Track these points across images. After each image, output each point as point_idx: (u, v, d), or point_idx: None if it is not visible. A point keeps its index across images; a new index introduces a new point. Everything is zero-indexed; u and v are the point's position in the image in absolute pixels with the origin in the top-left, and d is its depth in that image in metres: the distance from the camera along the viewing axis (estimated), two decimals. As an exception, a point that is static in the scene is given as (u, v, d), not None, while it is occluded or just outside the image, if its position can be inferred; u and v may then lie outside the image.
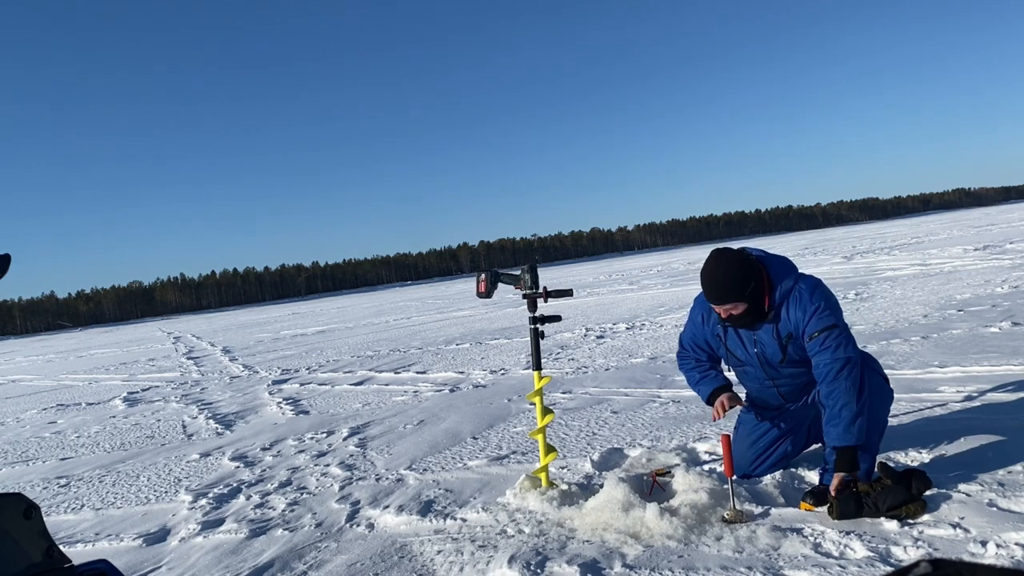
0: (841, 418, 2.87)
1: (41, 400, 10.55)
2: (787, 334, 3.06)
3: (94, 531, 3.85)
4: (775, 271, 3.10)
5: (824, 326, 2.96)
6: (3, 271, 1.08)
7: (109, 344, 27.41)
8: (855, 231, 59.18)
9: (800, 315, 3.00)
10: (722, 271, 3.01)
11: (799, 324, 3.01)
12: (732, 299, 3.00)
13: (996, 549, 2.36)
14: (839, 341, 2.95)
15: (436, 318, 17.78)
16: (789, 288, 3.06)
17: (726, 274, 3.00)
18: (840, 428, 2.87)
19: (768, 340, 3.12)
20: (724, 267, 3.02)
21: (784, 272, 3.10)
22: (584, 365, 7.36)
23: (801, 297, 3.02)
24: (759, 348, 3.15)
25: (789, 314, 3.04)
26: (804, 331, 3.00)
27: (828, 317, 2.98)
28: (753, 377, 3.29)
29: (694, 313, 3.41)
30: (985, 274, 11.09)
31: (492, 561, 2.77)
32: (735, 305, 3.02)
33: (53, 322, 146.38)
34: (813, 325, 2.98)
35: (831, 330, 2.96)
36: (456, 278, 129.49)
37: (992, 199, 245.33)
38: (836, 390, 2.90)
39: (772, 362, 3.15)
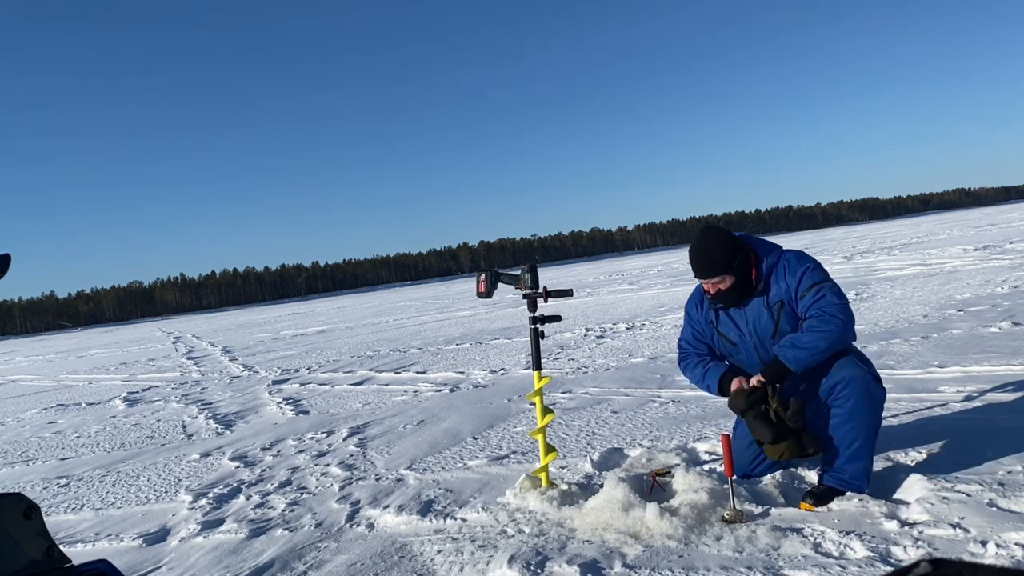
0: (800, 345, 2.91)
1: (41, 400, 10.55)
2: (778, 302, 3.06)
3: (94, 531, 3.85)
4: (760, 246, 3.17)
5: (814, 281, 3.00)
6: (3, 271, 1.08)
7: (109, 344, 27.41)
8: (855, 231, 59.18)
9: (791, 279, 3.03)
10: (708, 246, 3.06)
11: (790, 288, 3.03)
12: (719, 271, 3.04)
13: (996, 549, 2.36)
14: (831, 290, 2.98)
15: (436, 318, 17.78)
16: (776, 259, 3.11)
17: (712, 249, 3.05)
18: (792, 350, 2.92)
19: (758, 314, 3.11)
20: (711, 242, 3.07)
21: (769, 247, 3.17)
22: (584, 365, 7.36)
23: (790, 264, 3.07)
24: (751, 326, 3.13)
25: (779, 283, 3.07)
26: (796, 290, 3.01)
27: (817, 273, 3.03)
28: (746, 360, 3.25)
29: (688, 308, 3.43)
30: (985, 274, 11.08)
31: (492, 561, 2.77)
32: (722, 279, 3.06)
33: (53, 322, 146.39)
34: (805, 282, 3.00)
35: (822, 284, 2.99)
36: (456, 278, 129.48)
37: (992, 199, 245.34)
38: (815, 327, 2.90)
39: (764, 338, 3.12)
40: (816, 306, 2.95)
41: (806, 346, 2.90)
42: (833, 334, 2.89)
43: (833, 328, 2.89)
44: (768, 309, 3.08)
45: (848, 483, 2.92)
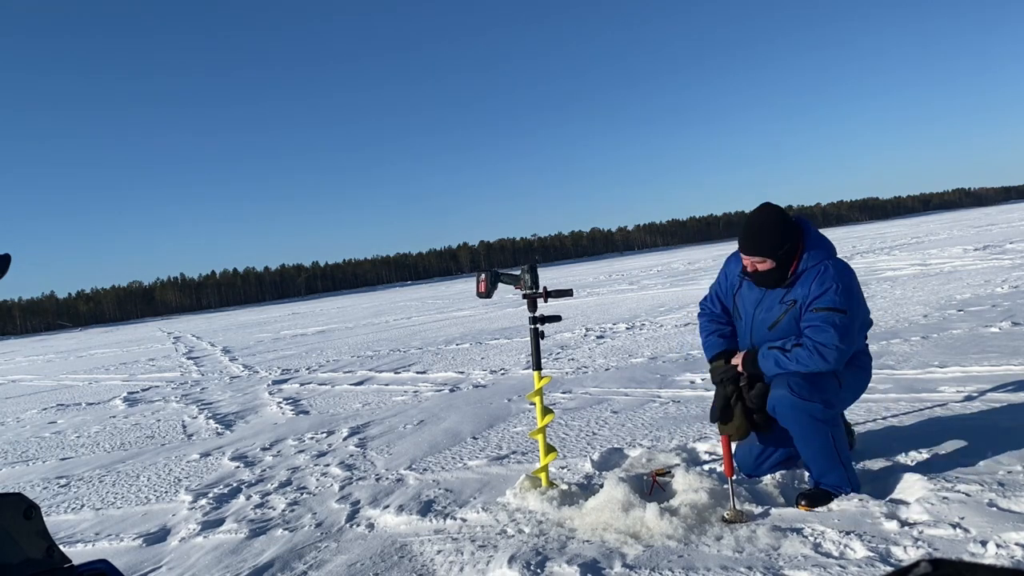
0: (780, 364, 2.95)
1: (41, 400, 10.55)
2: (792, 300, 3.04)
3: (94, 531, 3.85)
4: (812, 242, 3.08)
5: (833, 306, 2.91)
6: (3, 271, 1.08)
7: (109, 344, 27.41)
8: (855, 231, 59.17)
9: (817, 287, 2.95)
10: (763, 223, 3.02)
11: (810, 294, 2.96)
12: (763, 254, 3.01)
13: (996, 549, 2.36)
14: (841, 327, 2.88)
15: (436, 318, 17.77)
16: (818, 261, 3.02)
17: (765, 227, 3.01)
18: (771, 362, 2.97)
19: (771, 304, 3.10)
20: (766, 220, 3.03)
21: (820, 247, 3.07)
22: (584, 365, 7.36)
23: (826, 272, 2.98)
24: (761, 308, 3.14)
25: (805, 285, 3.00)
26: (814, 300, 2.94)
27: (842, 299, 2.92)
28: (742, 333, 3.28)
29: (728, 261, 3.41)
30: (985, 274, 11.09)
31: (492, 561, 2.77)
32: (764, 260, 3.03)
33: (53, 322, 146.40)
34: (825, 300, 2.92)
35: (837, 313, 2.90)
36: (456, 278, 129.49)
37: (992, 199, 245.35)
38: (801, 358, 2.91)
39: (763, 325, 3.12)
40: (816, 332, 2.91)
41: (782, 367, 2.96)
42: (811, 371, 2.93)
43: (814, 366, 2.91)
44: (782, 303, 3.07)
45: (835, 487, 2.97)
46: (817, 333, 2.91)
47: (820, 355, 2.88)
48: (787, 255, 3.02)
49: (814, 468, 3.02)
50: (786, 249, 3.00)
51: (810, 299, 2.97)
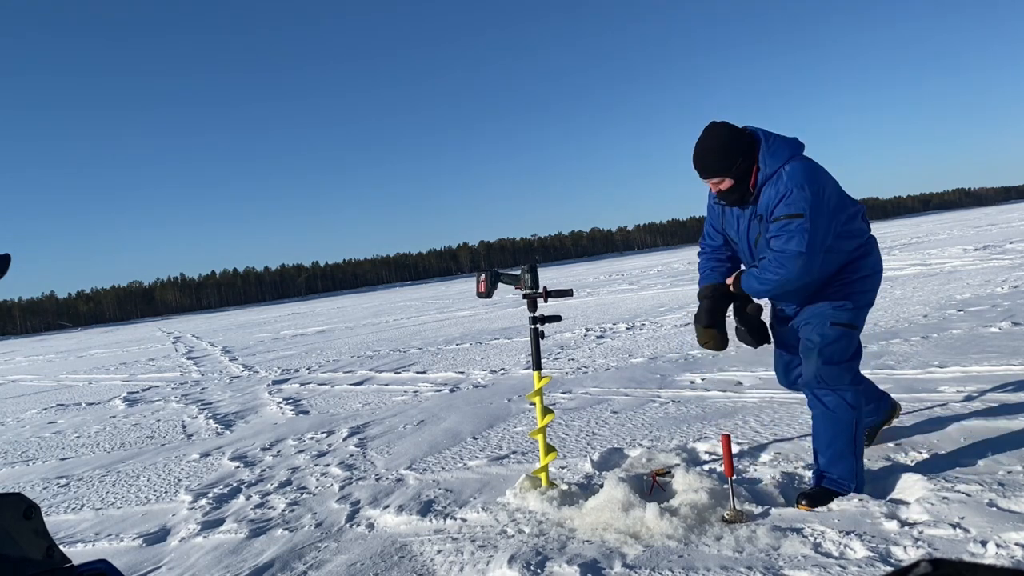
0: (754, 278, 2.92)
1: (41, 400, 10.55)
2: (759, 215, 2.96)
3: (94, 531, 3.85)
4: (769, 149, 2.91)
5: (790, 212, 2.80)
6: (3, 271, 1.08)
7: (109, 344, 27.41)
8: (855, 231, 59.01)
9: (773, 197, 2.85)
10: (708, 145, 2.92)
11: (769, 206, 2.87)
12: (715, 174, 2.93)
13: (996, 549, 2.36)
14: (800, 232, 2.77)
15: (436, 318, 17.77)
16: (775, 170, 2.89)
17: (711, 148, 2.91)
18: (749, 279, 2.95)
19: (748, 221, 3.04)
20: (711, 141, 2.92)
21: (777, 153, 2.91)
22: (584, 365, 7.35)
23: (779, 179, 2.85)
24: (743, 229, 3.09)
25: (767, 194, 2.90)
26: (773, 209, 2.85)
27: (799, 203, 2.78)
28: (743, 259, 3.21)
29: (708, 202, 3.34)
30: (985, 274, 11.08)
31: (492, 561, 2.76)
32: (721, 180, 2.94)
33: (53, 322, 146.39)
34: (781, 208, 2.82)
35: (793, 219, 2.79)
36: (456, 278, 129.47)
37: (992, 199, 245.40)
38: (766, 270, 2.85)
39: (750, 244, 3.06)
40: (776, 242, 2.83)
41: (755, 283, 2.93)
42: (776, 284, 2.85)
43: (783, 277, 2.82)
44: (755, 221, 3.01)
45: (838, 483, 2.96)
46: (777, 243, 2.83)
47: (782, 265, 2.79)
48: (743, 169, 2.90)
49: (826, 455, 2.98)
50: (739, 164, 2.88)
51: (770, 210, 2.87)
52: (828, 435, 2.99)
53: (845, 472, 2.96)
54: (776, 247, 2.83)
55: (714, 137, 2.93)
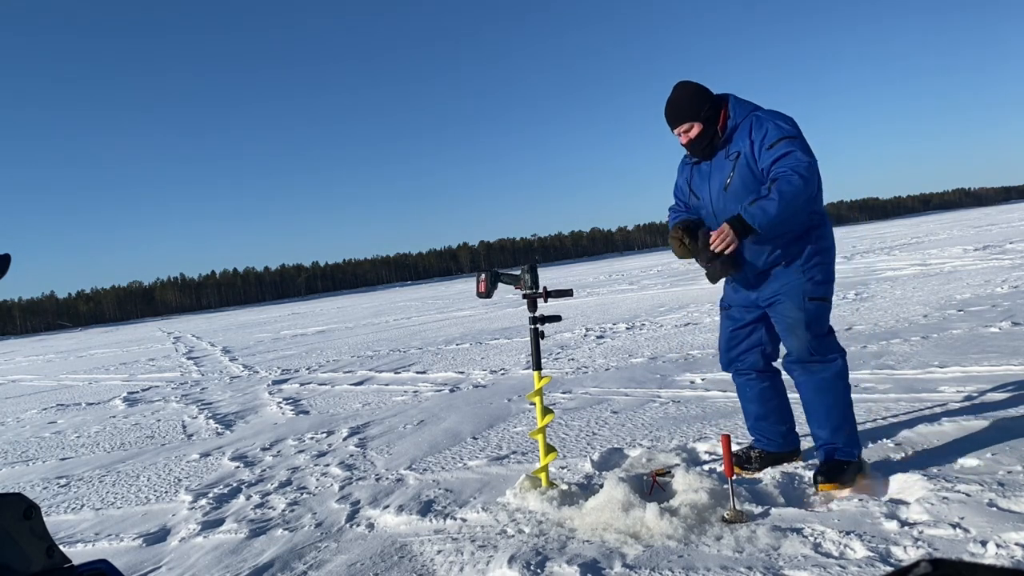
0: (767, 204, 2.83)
1: (41, 400, 10.54)
2: (736, 152, 3.06)
3: (94, 531, 3.85)
4: (736, 104, 3.14)
5: (783, 135, 2.93)
6: (3, 271, 1.08)
7: (109, 344, 27.40)
8: (855, 231, 59.13)
9: (758, 132, 2.98)
10: (680, 93, 3.14)
11: (754, 142, 2.98)
12: (686, 118, 3.10)
13: (996, 549, 2.36)
14: (800, 147, 2.90)
15: (436, 318, 17.77)
16: (747, 114, 3.08)
17: (683, 96, 3.12)
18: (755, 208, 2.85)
19: (719, 167, 3.14)
20: (681, 90, 3.15)
21: (745, 105, 3.13)
22: (584, 365, 7.35)
23: (758, 119, 3.03)
24: (710, 180, 3.18)
25: (743, 135, 3.04)
26: (762, 142, 2.95)
27: (787, 127, 2.96)
28: (705, 214, 3.28)
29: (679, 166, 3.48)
30: (985, 274, 11.08)
31: (492, 561, 2.76)
32: (691, 125, 3.11)
33: (53, 322, 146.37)
34: (772, 135, 2.93)
35: (792, 139, 2.91)
36: (456, 278, 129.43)
37: (992, 199, 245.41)
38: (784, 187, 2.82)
39: (719, 191, 3.13)
40: (783, 160, 2.89)
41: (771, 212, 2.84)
42: (790, 196, 2.83)
43: (797, 190, 2.83)
44: (727, 160, 3.11)
45: (847, 452, 3.09)
46: (785, 160, 2.88)
47: (800, 175, 2.83)
48: (711, 114, 3.09)
49: (827, 427, 3.09)
50: (707, 109, 3.09)
51: (756, 144, 2.98)
52: (825, 406, 3.11)
53: (849, 439, 3.09)
54: (785, 163, 2.88)
55: (682, 89, 3.17)
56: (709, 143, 3.14)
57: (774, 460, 3.44)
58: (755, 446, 3.48)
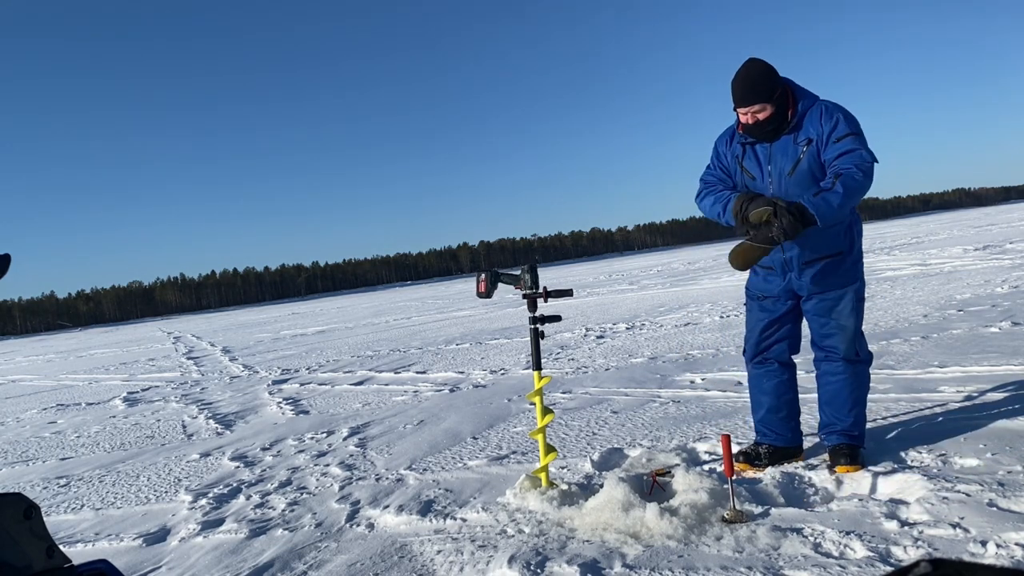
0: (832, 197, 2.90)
1: (41, 400, 10.55)
2: (806, 140, 3.11)
3: (94, 531, 3.85)
4: (800, 88, 3.21)
5: (851, 131, 3.04)
6: (3, 271, 1.07)
7: (109, 344, 27.41)
8: (855, 231, 58.99)
9: (827, 123, 3.07)
10: (755, 72, 3.11)
11: (823, 130, 3.07)
12: (761, 99, 3.08)
13: (996, 549, 2.36)
14: (866, 147, 3.03)
15: (436, 318, 17.77)
16: (813, 102, 3.16)
17: (758, 75, 3.10)
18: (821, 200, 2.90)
19: (784, 150, 3.17)
20: (757, 70, 3.12)
21: (806, 92, 3.21)
22: (584, 365, 7.35)
23: (827, 109, 3.12)
24: (772, 163, 3.19)
25: (814, 122, 3.11)
26: (831, 133, 3.05)
27: (853, 123, 3.08)
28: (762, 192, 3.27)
29: (717, 143, 3.45)
30: (985, 274, 11.08)
31: (492, 561, 2.76)
32: (763, 107, 3.10)
33: (53, 322, 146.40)
34: (841, 128, 3.04)
35: (858, 136, 3.04)
36: (456, 278, 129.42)
37: (992, 199, 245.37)
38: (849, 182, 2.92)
39: (783, 173, 3.17)
40: (851, 157, 2.99)
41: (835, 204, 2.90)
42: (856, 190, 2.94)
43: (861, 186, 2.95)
44: (795, 145, 3.14)
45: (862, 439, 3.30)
46: (850, 156, 2.99)
47: (864, 173, 2.95)
48: (782, 99, 3.11)
49: (851, 416, 3.25)
50: (780, 93, 3.10)
51: (825, 134, 3.06)
52: (854, 397, 3.27)
53: (864, 428, 3.30)
54: (852, 160, 2.97)
55: (757, 67, 3.12)
56: (777, 126, 3.14)
57: (783, 456, 3.45)
58: (762, 442, 3.47)
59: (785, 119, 3.14)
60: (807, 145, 3.10)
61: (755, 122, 3.13)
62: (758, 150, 3.23)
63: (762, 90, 3.07)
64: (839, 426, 3.28)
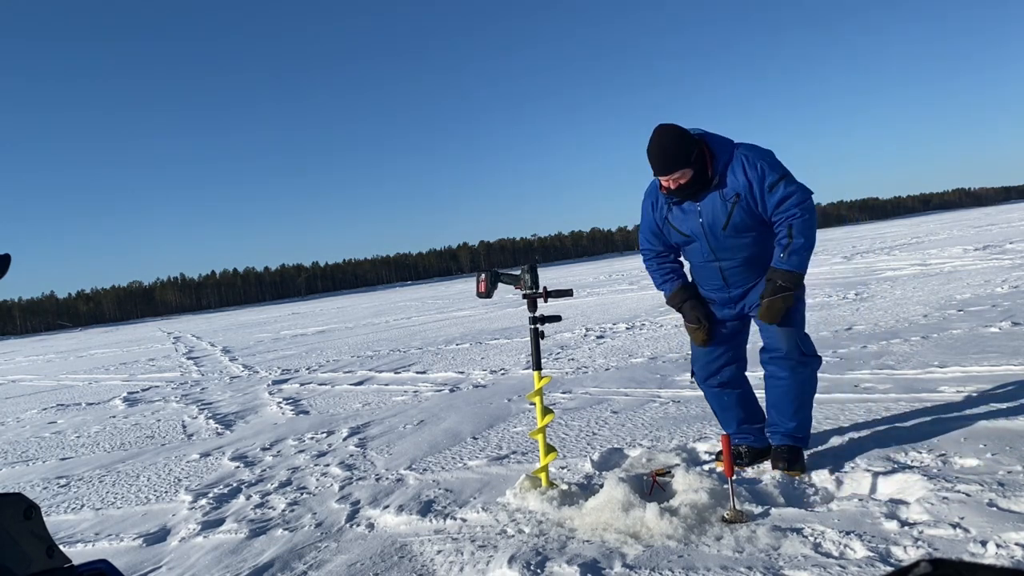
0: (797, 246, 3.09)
1: (41, 400, 10.55)
2: (734, 195, 3.17)
3: (94, 531, 3.85)
4: (715, 142, 3.24)
5: (778, 174, 3.12)
6: (3, 271, 1.07)
7: (109, 344, 27.40)
8: (855, 231, 59.12)
9: (752, 171, 3.13)
10: (667, 139, 3.13)
11: (752, 181, 3.13)
12: (680, 166, 3.12)
13: (996, 549, 2.36)
14: (798, 186, 3.13)
15: (436, 318, 17.77)
16: (731, 154, 3.19)
17: (670, 144, 3.12)
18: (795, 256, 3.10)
19: (712, 207, 3.22)
20: (668, 138, 3.13)
21: (723, 142, 3.25)
22: (584, 365, 7.35)
23: (746, 157, 3.16)
24: (703, 218, 3.25)
25: (737, 176, 3.15)
26: (761, 185, 3.12)
27: (778, 167, 3.17)
28: (698, 252, 3.37)
29: (644, 206, 3.51)
30: (985, 274, 11.08)
31: (492, 561, 2.76)
32: (683, 173, 3.14)
33: (53, 322, 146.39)
34: (769, 176, 3.11)
35: (783, 178, 3.12)
36: (456, 278, 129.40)
37: (992, 199, 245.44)
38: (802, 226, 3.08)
39: (715, 231, 3.24)
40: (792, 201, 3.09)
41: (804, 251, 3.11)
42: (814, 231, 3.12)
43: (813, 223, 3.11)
44: (724, 202, 3.19)
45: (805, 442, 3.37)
46: (792, 199, 3.10)
47: (808, 211, 3.10)
48: (699, 159, 3.15)
49: (796, 418, 3.31)
50: (696, 154, 3.14)
51: (754, 184, 3.13)
52: (799, 400, 3.31)
53: (808, 431, 3.36)
54: (795, 204, 3.09)
55: (669, 134, 3.15)
56: (699, 186, 3.20)
57: (759, 455, 3.55)
58: (741, 443, 3.57)
59: (707, 176, 3.18)
60: (736, 200, 3.16)
61: (678, 187, 3.19)
62: (686, 208, 3.30)
63: (679, 156, 3.10)
64: (782, 428, 3.34)
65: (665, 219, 3.39)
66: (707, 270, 3.40)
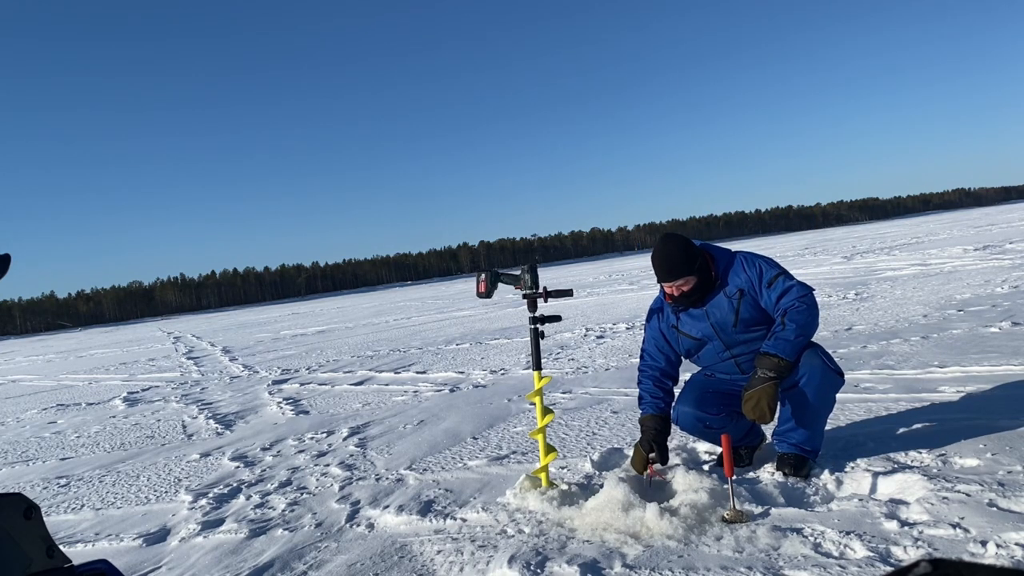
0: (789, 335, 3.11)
1: (41, 400, 10.55)
2: (737, 291, 3.31)
3: (94, 531, 3.85)
4: (716, 249, 3.46)
5: (777, 272, 3.29)
6: (3, 271, 1.07)
7: (109, 344, 27.40)
8: (855, 231, 59.12)
9: (751, 271, 3.31)
10: (672, 249, 3.31)
11: (751, 279, 3.29)
12: (684, 274, 3.27)
13: (996, 549, 2.35)
14: (796, 283, 3.26)
15: (436, 318, 17.77)
16: (731, 259, 3.40)
17: (676, 251, 3.29)
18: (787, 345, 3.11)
19: (719, 307, 3.34)
20: (673, 246, 3.32)
21: (723, 250, 3.48)
22: (584, 365, 7.35)
23: (746, 260, 3.37)
24: (712, 319, 3.35)
25: (738, 274, 3.33)
26: (760, 281, 3.28)
27: (775, 266, 3.33)
28: (711, 354, 3.45)
29: (650, 321, 3.63)
30: (985, 274, 11.08)
31: (492, 561, 2.76)
32: (687, 280, 3.29)
33: (53, 322, 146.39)
34: (766, 274, 3.28)
35: (781, 275, 3.28)
36: (456, 278, 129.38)
37: (992, 199, 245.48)
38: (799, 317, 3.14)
39: (726, 328, 3.34)
40: (789, 294, 3.21)
41: (796, 341, 3.13)
42: (814, 321, 3.20)
43: (812, 317, 3.18)
44: (729, 299, 3.32)
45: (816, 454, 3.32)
46: (791, 293, 3.21)
47: (807, 305, 3.17)
48: (702, 267, 3.32)
49: (811, 428, 3.26)
50: (699, 263, 3.31)
51: (754, 281, 3.30)
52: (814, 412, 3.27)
53: (818, 444, 3.32)
54: (792, 297, 3.20)
55: (674, 243, 3.33)
56: (702, 292, 3.33)
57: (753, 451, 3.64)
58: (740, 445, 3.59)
59: (710, 280, 3.34)
60: (740, 296, 3.30)
61: (681, 294, 3.32)
62: (693, 313, 3.41)
63: (683, 265, 3.26)
64: (792, 439, 3.29)
65: (673, 327, 3.47)
66: (723, 365, 3.47)
